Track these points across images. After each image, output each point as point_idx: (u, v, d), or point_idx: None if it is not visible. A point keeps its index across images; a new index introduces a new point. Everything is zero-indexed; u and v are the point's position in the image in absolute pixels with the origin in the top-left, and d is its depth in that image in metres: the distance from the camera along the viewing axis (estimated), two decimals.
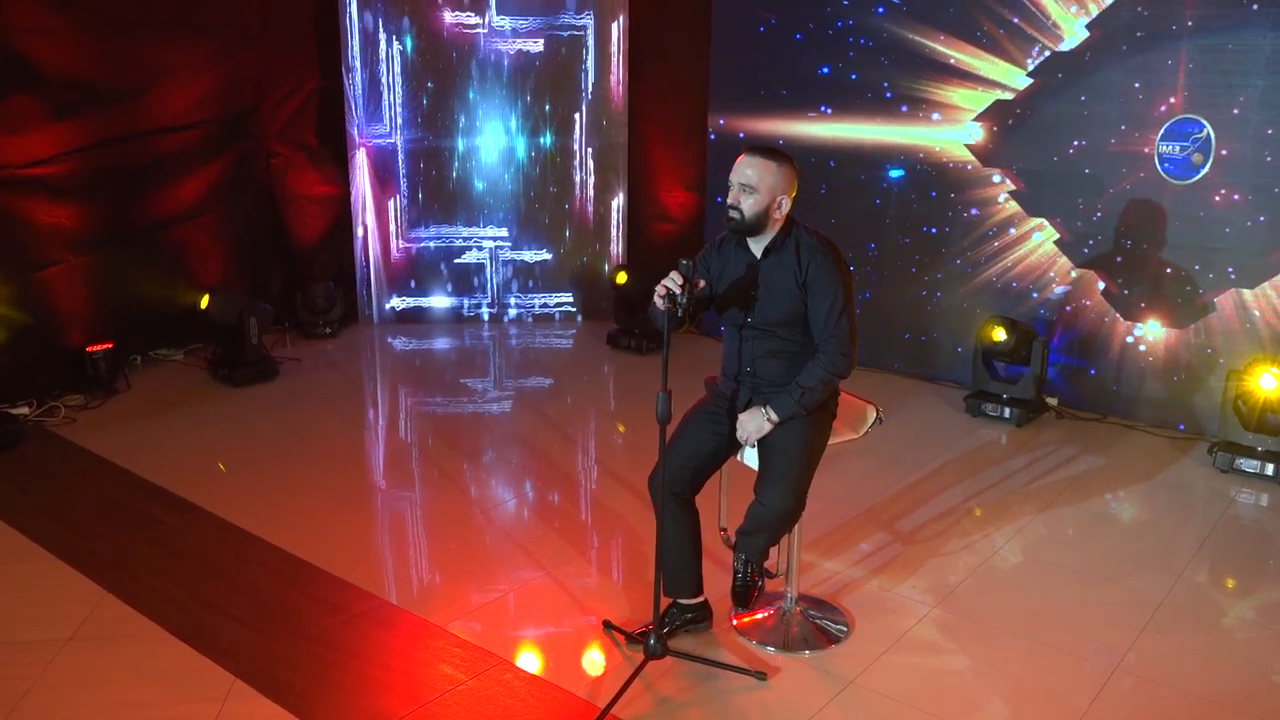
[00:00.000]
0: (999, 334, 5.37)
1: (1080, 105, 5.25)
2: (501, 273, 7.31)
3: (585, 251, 7.32)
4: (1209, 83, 4.88)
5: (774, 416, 3.08)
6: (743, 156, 3.09)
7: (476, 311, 7.36)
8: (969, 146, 5.64)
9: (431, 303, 7.32)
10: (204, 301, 6.06)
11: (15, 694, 3.04)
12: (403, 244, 7.17)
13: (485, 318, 7.38)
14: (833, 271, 3.06)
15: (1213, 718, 3.00)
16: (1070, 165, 5.33)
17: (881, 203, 6.03)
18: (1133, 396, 5.40)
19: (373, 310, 7.26)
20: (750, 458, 3.24)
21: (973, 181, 5.66)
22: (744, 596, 3.20)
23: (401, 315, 7.30)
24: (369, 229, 7.12)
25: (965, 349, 5.80)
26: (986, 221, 5.66)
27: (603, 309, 7.30)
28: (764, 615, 3.45)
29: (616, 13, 6.92)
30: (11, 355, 5.38)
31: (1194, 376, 5.17)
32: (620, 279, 6.71)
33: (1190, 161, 4.98)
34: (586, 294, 7.39)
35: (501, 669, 3.20)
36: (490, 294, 7.34)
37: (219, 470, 4.77)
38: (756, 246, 3.16)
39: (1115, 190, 5.22)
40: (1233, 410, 4.80)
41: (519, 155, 7.12)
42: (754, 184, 3.03)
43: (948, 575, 3.80)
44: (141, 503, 4.40)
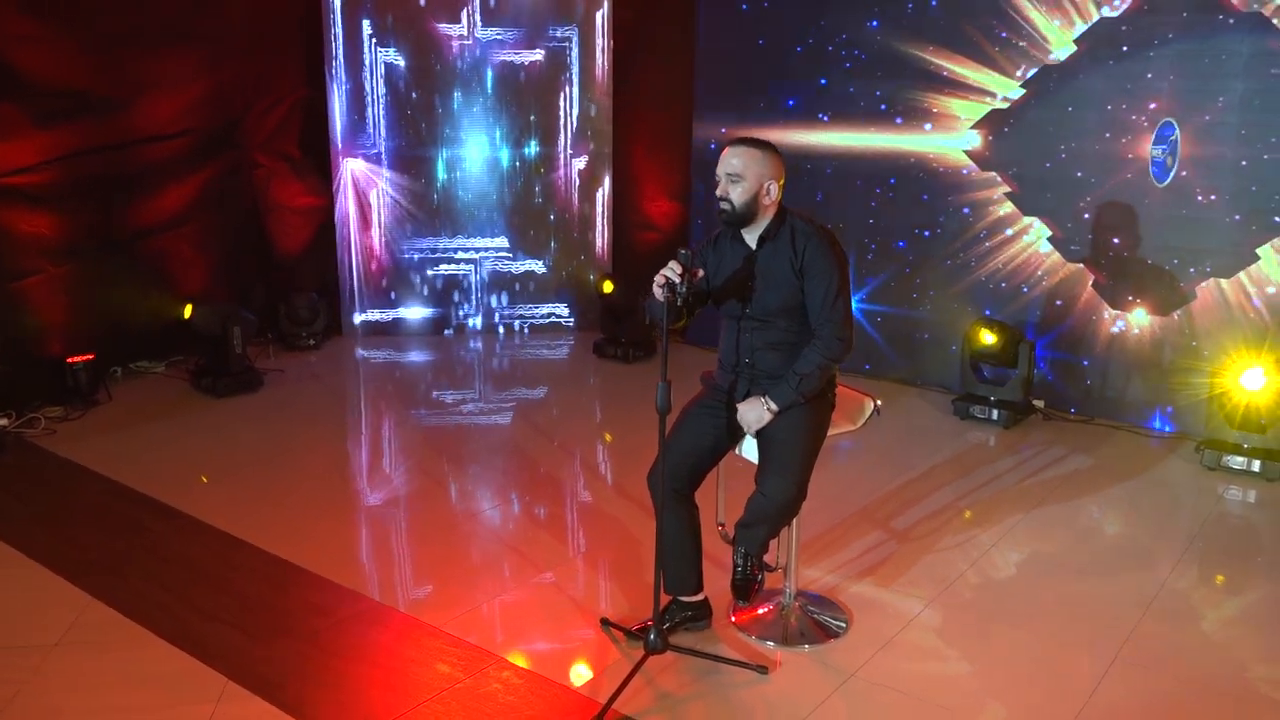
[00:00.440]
0: (986, 337, 5.41)
1: (1068, 113, 5.37)
2: (486, 283, 7.28)
3: (571, 261, 7.32)
4: (1189, 88, 4.99)
5: (774, 406, 3.07)
6: (727, 149, 3.11)
7: (461, 322, 7.33)
8: (967, 152, 5.74)
9: (415, 314, 7.28)
10: (187, 311, 6.00)
11: (2, 699, 2.97)
12: (386, 255, 7.14)
13: (470, 329, 7.35)
14: (828, 255, 3.06)
15: (1214, 702, 3.00)
16: (1061, 168, 5.43)
17: (878, 205, 6.09)
18: (1118, 398, 5.44)
19: (357, 321, 7.21)
20: (749, 450, 3.23)
21: (970, 185, 5.75)
22: (744, 590, 3.18)
23: (385, 327, 7.25)
24: (353, 240, 7.08)
25: (954, 352, 5.83)
26: (980, 222, 5.75)
27: (589, 318, 7.29)
28: (763, 610, 3.43)
29: (601, 24, 6.95)
30: None
31: (1179, 375, 5.22)
32: (606, 288, 6.71)
33: (1165, 164, 5.09)
34: (571, 303, 7.38)
35: (499, 666, 3.15)
36: (474, 305, 7.32)
37: (204, 480, 4.70)
38: (751, 237, 3.16)
39: (1103, 191, 5.33)
40: (1218, 408, 4.85)
41: (504, 165, 7.12)
42: (740, 172, 3.05)
43: (943, 571, 3.80)
44: (127, 510, 4.33)
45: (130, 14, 5.83)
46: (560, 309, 7.41)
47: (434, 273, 7.22)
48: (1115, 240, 5.33)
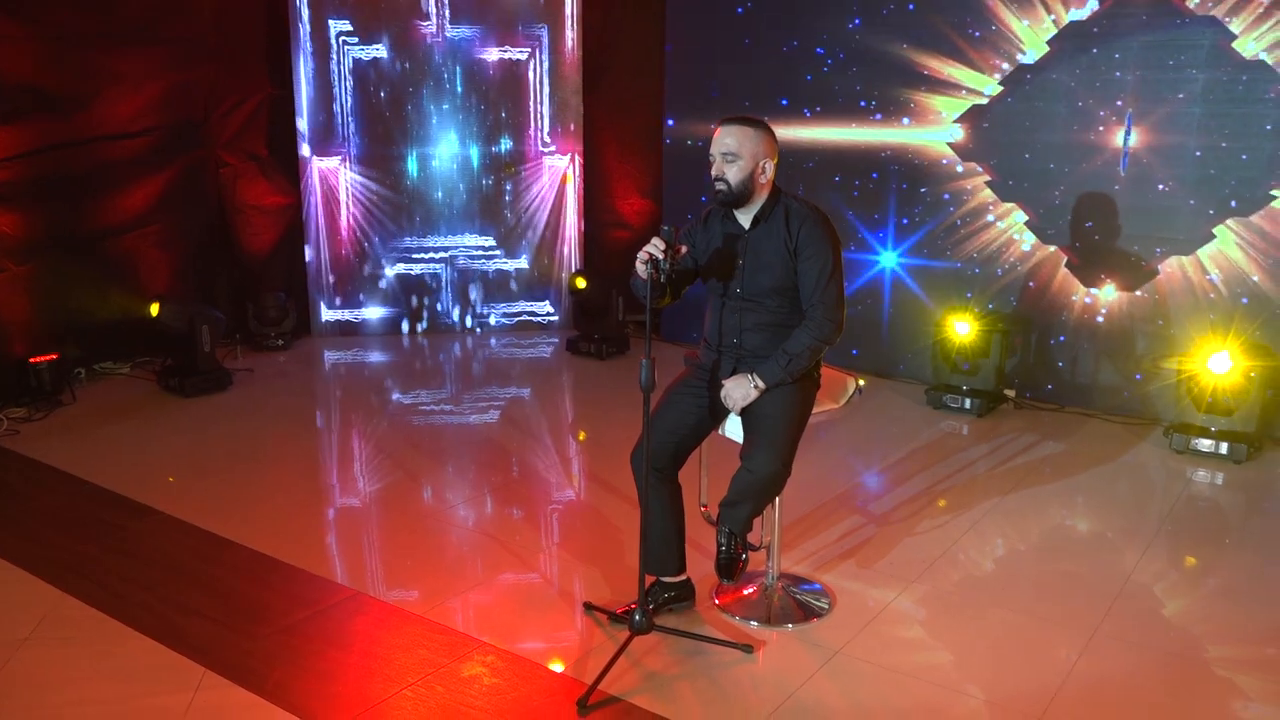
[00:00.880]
0: (957, 326, 5.46)
1: (1039, 106, 5.48)
2: (457, 281, 7.24)
3: (543, 259, 7.30)
4: (1152, 79, 5.10)
5: (760, 383, 3.07)
6: (719, 128, 3.09)
7: (432, 320, 7.28)
8: (950, 145, 5.81)
9: (385, 313, 7.22)
10: (154, 309, 5.90)
11: None
12: (356, 255, 7.08)
13: (441, 326, 7.30)
14: (823, 237, 3.07)
15: (1192, 672, 3.05)
16: (1037, 158, 5.54)
17: (860, 194, 6.16)
18: (1089, 385, 5.52)
19: (326, 321, 7.14)
20: (733, 430, 3.23)
21: (951, 175, 5.83)
22: (728, 569, 3.17)
23: (355, 326, 7.18)
24: (322, 239, 7.01)
25: (926, 342, 5.88)
26: (960, 209, 5.82)
27: (562, 316, 7.28)
28: (747, 591, 3.44)
29: (570, 23, 6.96)
30: None
31: (1147, 359, 5.32)
32: (578, 284, 6.70)
33: (1128, 152, 5.21)
34: (544, 301, 7.35)
35: (484, 651, 3.13)
36: (445, 303, 7.27)
37: (170, 480, 4.62)
38: (745, 217, 3.16)
39: (1075, 178, 5.45)
40: (1185, 392, 4.93)
41: (474, 163, 7.09)
42: (735, 150, 3.04)
43: (922, 553, 3.82)
44: (95, 509, 4.24)
45: (94, 12, 5.75)
46: (533, 306, 7.38)
47: (404, 271, 7.16)
48: (1087, 224, 5.44)
